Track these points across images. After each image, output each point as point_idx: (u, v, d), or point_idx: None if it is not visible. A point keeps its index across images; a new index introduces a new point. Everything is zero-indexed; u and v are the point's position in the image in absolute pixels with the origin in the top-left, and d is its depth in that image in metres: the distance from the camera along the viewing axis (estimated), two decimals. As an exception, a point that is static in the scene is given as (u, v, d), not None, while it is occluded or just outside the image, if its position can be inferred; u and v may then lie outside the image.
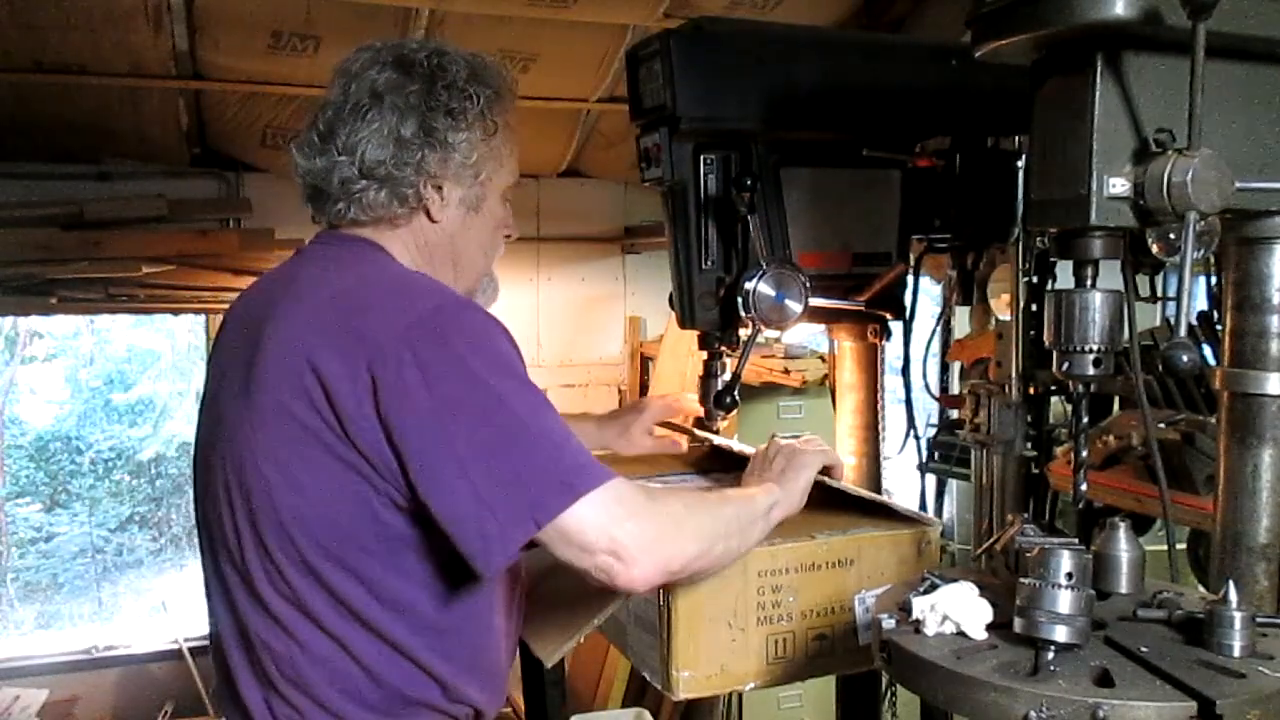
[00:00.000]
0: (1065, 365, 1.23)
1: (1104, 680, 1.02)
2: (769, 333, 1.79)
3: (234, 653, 1.43)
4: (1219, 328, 1.54)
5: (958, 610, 1.13)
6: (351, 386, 1.28)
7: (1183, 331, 1.10)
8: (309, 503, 1.33)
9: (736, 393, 1.84)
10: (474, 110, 1.45)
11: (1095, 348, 1.20)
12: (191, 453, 1.54)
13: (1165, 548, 1.46)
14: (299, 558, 1.34)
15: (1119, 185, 1.13)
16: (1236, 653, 1.07)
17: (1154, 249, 1.23)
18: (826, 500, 1.69)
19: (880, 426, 2.08)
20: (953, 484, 2.94)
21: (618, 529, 1.28)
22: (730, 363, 1.88)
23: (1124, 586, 1.22)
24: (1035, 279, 1.88)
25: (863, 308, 1.91)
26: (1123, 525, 1.23)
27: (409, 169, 1.43)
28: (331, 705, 1.37)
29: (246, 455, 1.36)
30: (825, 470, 1.62)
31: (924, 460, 2.37)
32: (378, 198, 1.43)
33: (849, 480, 2.00)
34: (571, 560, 1.29)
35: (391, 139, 1.41)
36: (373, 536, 1.33)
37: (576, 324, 4.97)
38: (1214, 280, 1.79)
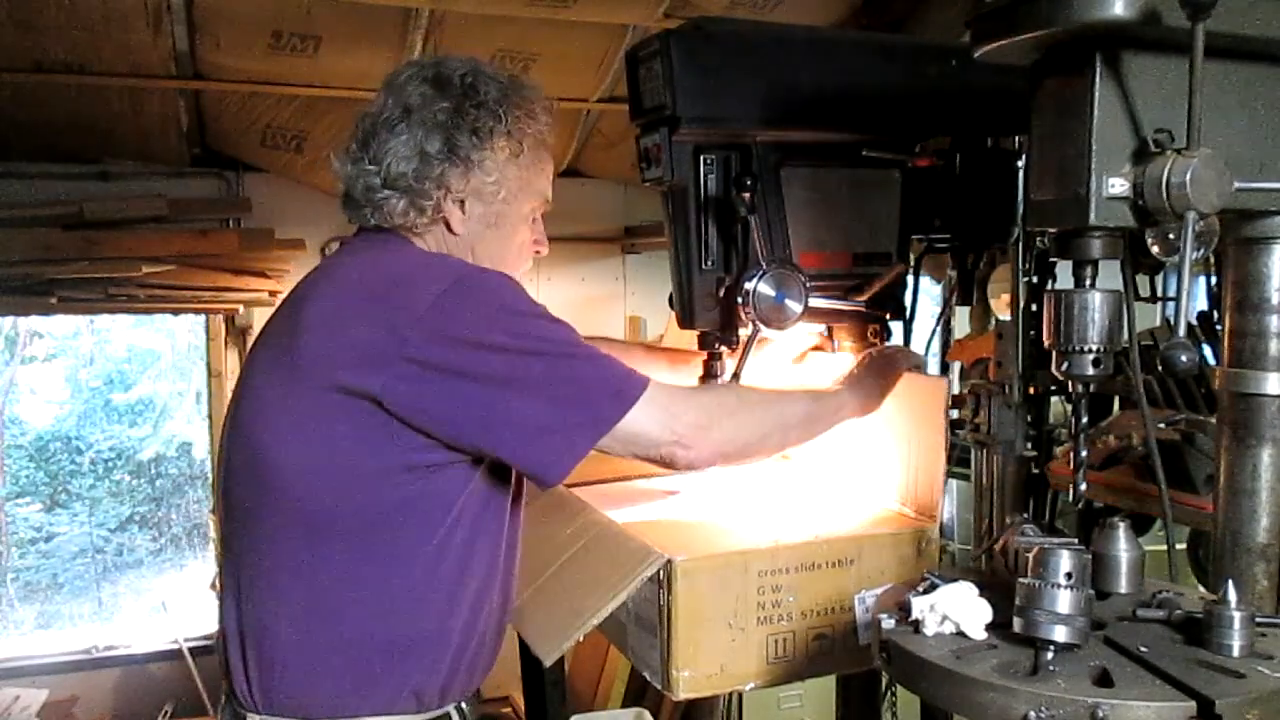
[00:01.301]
0: (1065, 365, 1.23)
1: (1103, 680, 1.02)
2: (769, 333, 1.79)
3: (232, 644, 1.50)
4: (1219, 328, 1.54)
5: (957, 610, 1.13)
6: (384, 354, 1.36)
7: (1182, 331, 1.10)
8: (327, 468, 1.40)
9: (736, 393, 1.83)
10: (500, 130, 1.52)
11: (1095, 348, 1.20)
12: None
13: (1165, 548, 1.46)
14: (300, 527, 1.42)
15: (1118, 185, 1.13)
16: (1236, 653, 1.07)
17: (1153, 249, 1.23)
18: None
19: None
20: (953, 484, 2.93)
21: (674, 422, 1.43)
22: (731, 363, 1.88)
23: (1124, 586, 1.22)
24: (1035, 279, 1.87)
25: (863, 308, 1.91)
26: (1122, 525, 1.23)
27: (429, 183, 1.50)
28: (305, 684, 1.44)
29: (269, 434, 1.44)
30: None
31: (924, 460, 2.36)
32: (398, 206, 1.51)
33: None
34: (635, 455, 1.44)
35: (416, 153, 1.49)
36: (375, 500, 1.40)
37: (576, 324, 4.91)
38: (1214, 280, 1.79)
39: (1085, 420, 1.34)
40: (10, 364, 5.99)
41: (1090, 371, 1.21)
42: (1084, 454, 1.36)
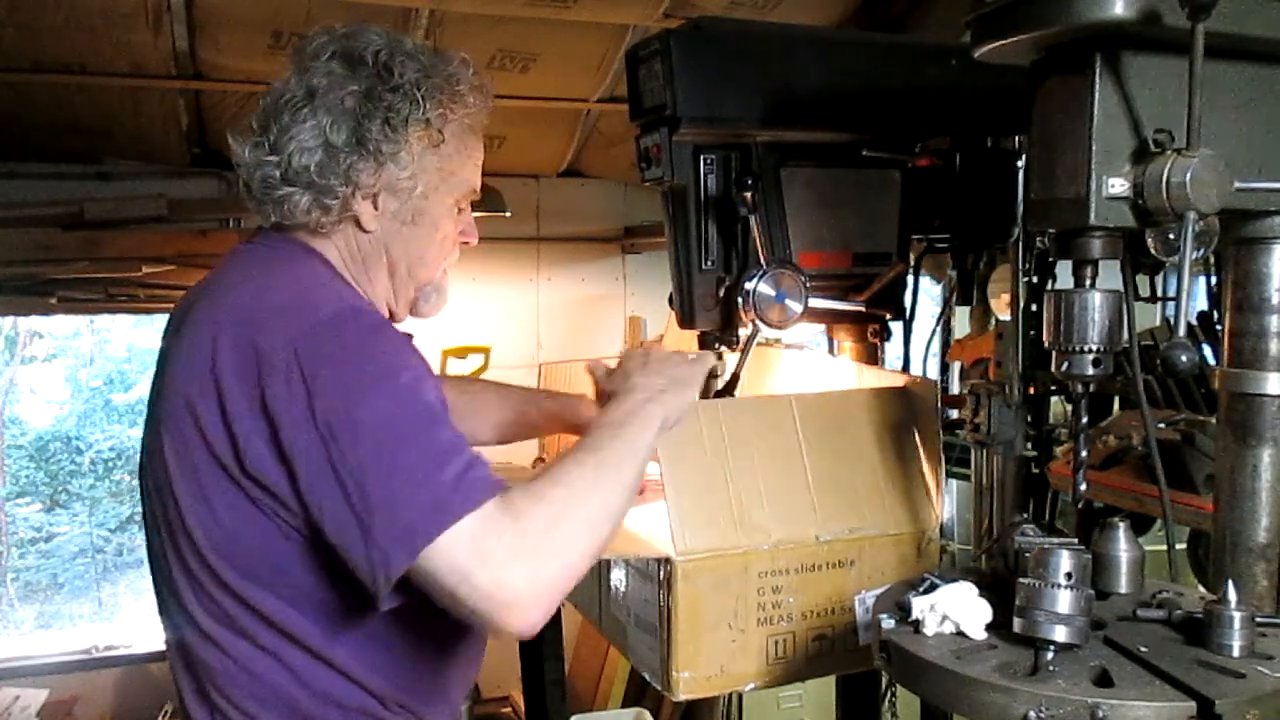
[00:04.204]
0: (1065, 365, 1.23)
1: (1103, 680, 1.02)
2: (769, 333, 1.79)
3: (179, 669, 1.40)
4: (1219, 328, 1.54)
5: (958, 610, 1.14)
6: (248, 405, 1.21)
7: (1182, 331, 1.10)
8: (220, 527, 1.27)
9: (736, 393, 1.83)
10: (418, 118, 1.34)
11: (1095, 348, 1.20)
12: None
13: (1165, 548, 1.46)
14: (218, 579, 1.29)
15: (1118, 185, 1.13)
16: (1236, 653, 1.07)
17: (1153, 249, 1.23)
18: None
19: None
20: (953, 484, 2.93)
21: (491, 570, 1.15)
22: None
23: (1124, 586, 1.22)
24: (1035, 279, 1.87)
25: (863, 308, 1.91)
26: (1122, 525, 1.23)
27: (335, 178, 1.32)
28: (239, 710, 1.32)
29: (163, 476, 1.31)
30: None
31: (924, 460, 2.36)
32: (300, 203, 1.33)
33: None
34: (448, 604, 1.17)
35: (320, 144, 1.31)
36: (286, 558, 1.26)
37: (576, 324, 4.97)
38: (1214, 280, 1.79)
39: (1085, 420, 1.34)
40: (10, 364, 5.99)
41: (1090, 371, 1.21)
42: (1084, 454, 1.35)
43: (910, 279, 2.01)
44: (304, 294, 1.30)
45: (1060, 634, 1.05)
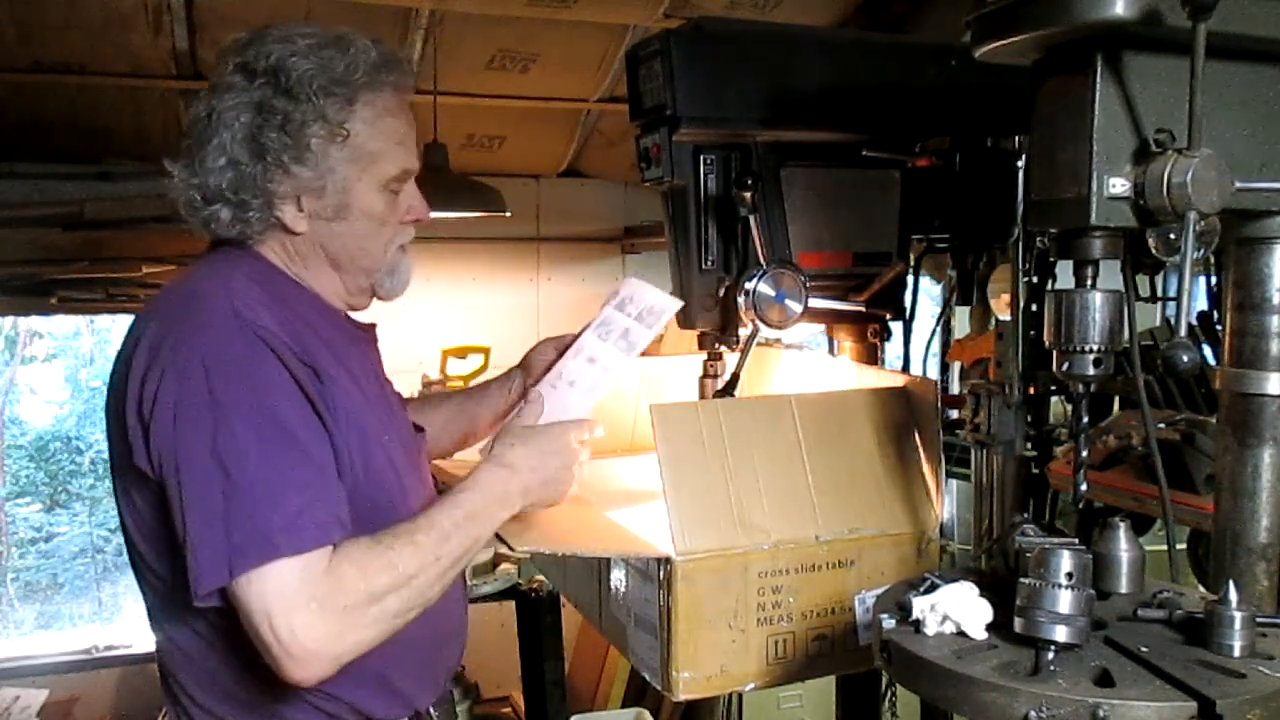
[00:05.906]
0: (1065, 365, 1.23)
1: (1104, 680, 1.02)
2: (769, 333, 1.79)
3: (158, 666, 1.46)
4: (1219, 328, 1.54)
5: (958, 610, 1.13)
6: (136, 404, 1.27)
7: (1183, 331, 1.10)
8: (142, 518, 1.34)
9: (736, 393, 1.83)
10: (313, 116, 1.35)
11: (1095, 348, 1.20)
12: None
13: (1165, 548, 1.46)
14: (153, 570, 1.36)
15: (1119, 185, 1.13)
16: (1236, 653, 1.07)
17: (1154, 249, 1.23)
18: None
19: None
20: (953, 484, 2.93)
21: (290, 620, 1.18)
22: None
23: (1124, 586, 1.22)
24: (1035, 279, 1.87)
25: (863, 308, 1.91)
26: (1123, 525, 1.23)
27: (246, 192, 1.36)
28: (208, 705, 1.39)
29: (110, 474, 1.38)
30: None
31: (924, 460, 2.36)
32: (224, 218, 1.38)
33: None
34: (249, 635, 1.21)
35: (229, 163, 1.36)
36: None
37: (576, 324, 4.95)
38: (1214, 280, 1.79)
39: (1085, 420, 1.34)
40: (10, 364, 5.99)
41: (1091, 371, 1.21)
42: (1084, 454, 1.35)
43: (910, 279, 2.01)
44: (204, 300, 1.32)
45: (1061, 634, 1.05)
